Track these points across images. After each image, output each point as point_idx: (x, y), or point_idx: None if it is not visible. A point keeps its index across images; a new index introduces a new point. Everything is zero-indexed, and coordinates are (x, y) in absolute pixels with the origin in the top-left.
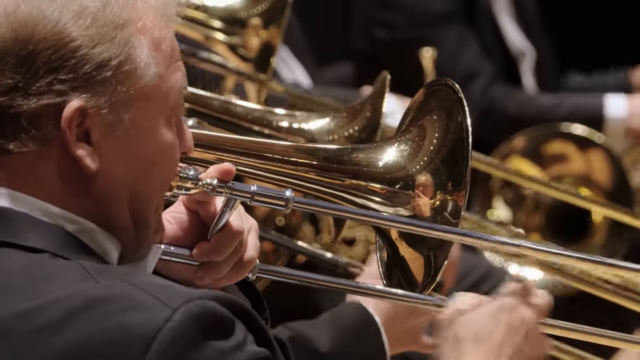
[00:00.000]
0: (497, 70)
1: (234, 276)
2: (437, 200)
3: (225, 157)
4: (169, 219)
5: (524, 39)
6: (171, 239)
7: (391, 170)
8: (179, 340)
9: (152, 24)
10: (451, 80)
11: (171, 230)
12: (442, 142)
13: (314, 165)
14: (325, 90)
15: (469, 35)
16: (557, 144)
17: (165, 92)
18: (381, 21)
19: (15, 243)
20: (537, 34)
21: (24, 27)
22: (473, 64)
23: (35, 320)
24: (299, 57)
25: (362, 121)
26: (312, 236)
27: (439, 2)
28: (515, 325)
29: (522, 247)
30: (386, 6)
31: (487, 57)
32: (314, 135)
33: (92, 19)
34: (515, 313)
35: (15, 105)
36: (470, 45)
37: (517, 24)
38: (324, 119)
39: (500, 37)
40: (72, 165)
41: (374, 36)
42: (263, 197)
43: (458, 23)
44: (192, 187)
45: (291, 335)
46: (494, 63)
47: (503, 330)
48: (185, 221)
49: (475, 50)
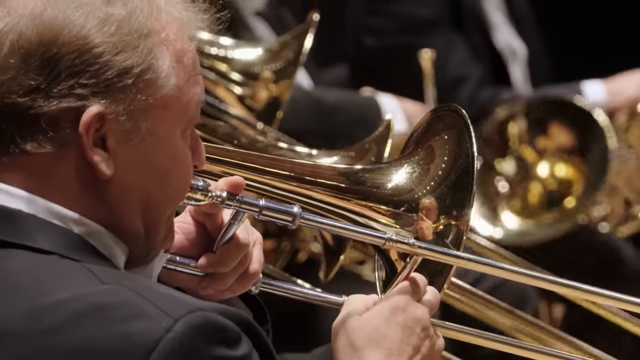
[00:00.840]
0: (485, 72)
1: (238, 288)
2: (441, 224)
3: (233, 170)
4: (176, 229)
5: (515, 37)
6: (177, 249)
7: (396, 192)
8: (178, 351)
9: (175, 36)
10: (458, 106)
11: (177, 240)
12: (448, 167)
13: (320, 183)
14: (325, 91)
15: (457, 40)
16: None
17: (184, 104)
18: (370, 28)
19: (24, 244)
20: (529, 31)
21: (50, 30)
22: (460, 69)
23: (40, 322)
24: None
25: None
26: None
27: (427, 9)
28: (410, 325)
29: (415, 246)
30: (375, 13)
31: (476, 58)
32: None
33: (117, 27)
34: (407, 312)
35: (35, 106)
36: (458, 50)
37: (508, 22)
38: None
39: (489, 36)
40: (87, 170)
41: (363, 43)
42: (271, 212)
43: (446, 28)
44: (202, 198)
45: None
46: (482, 64)
47: (399, 331)
48: (191, 232)
49: (463, 55)
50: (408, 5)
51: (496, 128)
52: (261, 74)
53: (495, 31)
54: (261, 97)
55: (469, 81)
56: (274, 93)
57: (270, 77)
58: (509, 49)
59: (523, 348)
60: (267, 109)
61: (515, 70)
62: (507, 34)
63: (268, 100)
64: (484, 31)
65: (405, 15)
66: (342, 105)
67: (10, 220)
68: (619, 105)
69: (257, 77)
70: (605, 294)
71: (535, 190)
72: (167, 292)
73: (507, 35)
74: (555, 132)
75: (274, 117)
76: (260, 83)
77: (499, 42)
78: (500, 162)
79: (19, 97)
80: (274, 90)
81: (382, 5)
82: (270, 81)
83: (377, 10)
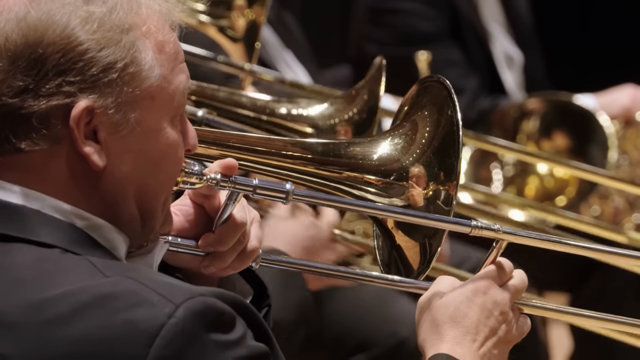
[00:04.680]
0: (482, 83)
1: (238, 265)
2: (430, 190)
3: (228, 152)
4: (176, 212)
5: (513, 45)
6: (178, 231)
7: (386, 162)
8: (181, 335)
9: (156, 28)
10: (442, 77)
11: (178, 222)
12: (434, 135)
13: (311, 159)
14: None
15: (454, 52)
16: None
17: (170, 93)
18: (371, 37)
19: (27, 238)
20: (527, 40)
21: (34, 31)
22: (457, 82)
23: (44, 314)
24: (302, 61)
25: (360, 104)
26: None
27: (427, 23)
28: (488, 307)
29: (500, 232)
30: (375, 23)
31: (472, 68)
32: (315, 120)
33: (99, 24)
34: (487, 295)
35: (26, 106)
36: (454, 63)
37: (506, 31)
38: (323, 104)
39: (485, 45)
40: (81, 163)
41: (365, 50)
42: (264, 190)
43: (444, 41)
44: (197, 181)
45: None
46: (478, 73)
47: (477, 312)
48: (191, 214)
49: (459, 67)
50: (409, 19)
51: (513, 116)
52: (233, 2)
53: (493, 40)
54: (239, 25)
55: (466, 93)
56: (250, 18)
57: (243, 3)
58: (506, 56)
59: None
60: (247, 34)
61: (509, 77)
62: (504, 42)
63: (247, 26)
64: (481, 41)
65: (406, 29)
66: None
67: (13, 215)
68: (614, 114)
69: (230, 6)
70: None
71: (532, 185)
72: (168, 280)
73: (504, 43)
74: (560, 134)
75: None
76: (235, 12)
77: (496, 50)
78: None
79: (10, 99)
80: (249, 15)
81: (383, 17)
82: (244, 7)
83: (379, 22)
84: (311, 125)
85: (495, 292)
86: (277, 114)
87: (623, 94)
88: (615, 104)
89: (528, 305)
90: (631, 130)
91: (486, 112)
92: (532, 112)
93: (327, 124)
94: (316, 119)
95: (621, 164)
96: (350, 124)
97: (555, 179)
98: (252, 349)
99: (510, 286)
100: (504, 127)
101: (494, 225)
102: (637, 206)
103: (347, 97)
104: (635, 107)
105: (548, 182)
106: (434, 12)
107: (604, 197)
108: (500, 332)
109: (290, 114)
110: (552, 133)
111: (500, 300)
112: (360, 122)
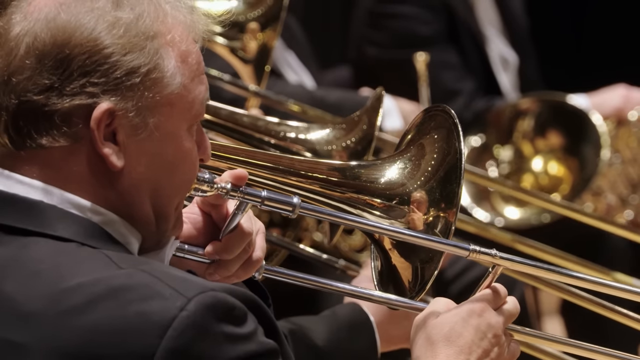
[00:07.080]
0: (478, 85)
1: (242, 274)
2: (430, 216)
3: (238, 166)
4: (184, 219)
5: (508, 47)
6: (185, 238)
7: (389, 186)
8: (192, 328)
9: (180, 38)
10: (447, 107)
11: (185, 229)
12: (438, 163)
13: (317, 178)
14: (327, 91)
15: (451, 55)
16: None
17: (189, 102)
18: (370, 39)
19: (45, 233)
20: (524, 43)
21: (62, 32)
22: (453, 85)
23: (60, 305)
24: (304, 62)
25: (358, 133)
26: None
27: (425, 27)
28: (483, 329)
29: (497, 257)
30: (374, 26)
31: (468, 70)
32: (314, 145)
33: (125, 29)
34: (482, 317)
35: (50, 103)
36: (451, 65)
37: (501, 34)
38: (324, 130)
39: (481, 48)
40: (99, 162)
41: (365, 52)
42: (272, 202)
43: (442, 45)
44: (208, 189)
45: (291, 329)
46: (474, 76)
47: (472, 333)
48: (199, 221)
49: (456, 69)
50: (407, 23)
51: (509, 115)
52: (247, 25)
53: (488, 43)
54: (251, 47)
55: (461, 96)
56: (262, 41)
57: (257, 27)
58: (501, 59)
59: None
60: (258, 57)
61: (504, 79)
62: (500, 45)
63: (258, 48)
64: (477, 43)
65: (404, 32)
66: (342, 104)
67: (31, 210)
68: (606, 114)
69: (244, 28)
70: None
71: (527, 182)
72: (180, 274)
73: (499, 46)
74: (554, 133)
75: (263, 70)
76: (248, 34)
77: (491, 52)
78: (499, 148)
79: (35, 96)
80: (261, 39)
81: (382, 21)
82: (257, 31)
83: (378, 25)
84: (310, 149)
85: (490, 315)
86: (278, 136)
87: (615, 94)
88: (607, 103)
89: (520, 332)
90: (623, 130)
91: (481, 112)
92: (526, 111)
93: (324, 149)
94: (315, 143)
95: (613, 162)
96: (347, 152)
97: (549, 176)
98: (262, 345)
99: (505, 310)
100: (499, 126)
101: (491, 251)
102: (629, 203)
103: (347, 124)
104: (627, 106)
105: (542, 179)
106: (431, 16)
107: (596, 194)
108: (493, 354)
109: (291, 136)
110: (546, 132)
111: (495, 323)
112: (355, 152)
